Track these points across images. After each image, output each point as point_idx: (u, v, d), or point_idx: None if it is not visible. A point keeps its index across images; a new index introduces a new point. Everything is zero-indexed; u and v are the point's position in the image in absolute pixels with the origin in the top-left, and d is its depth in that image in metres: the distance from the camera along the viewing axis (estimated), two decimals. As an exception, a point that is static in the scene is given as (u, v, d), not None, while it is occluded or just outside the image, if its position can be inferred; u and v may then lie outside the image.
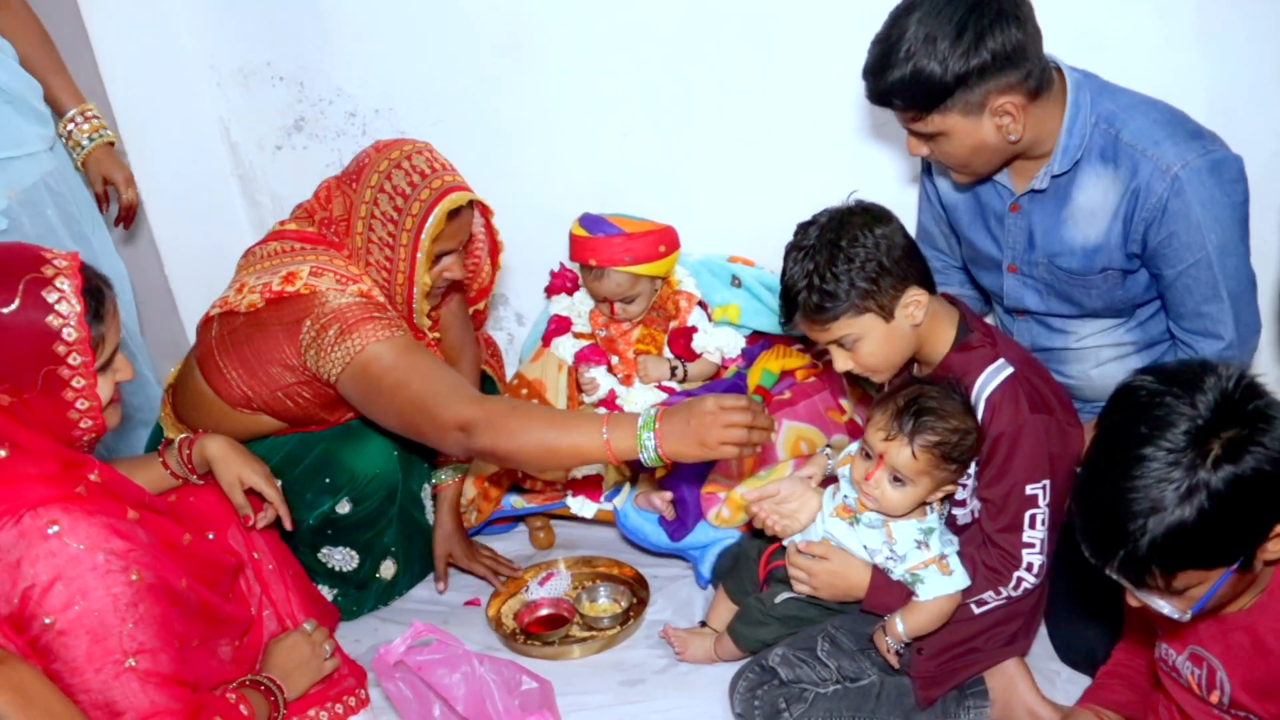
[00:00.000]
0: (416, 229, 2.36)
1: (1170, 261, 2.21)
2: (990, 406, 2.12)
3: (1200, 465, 1.46)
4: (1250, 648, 1.61)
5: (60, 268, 1.84)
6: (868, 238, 2.08)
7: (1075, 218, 2.28)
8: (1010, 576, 2.14)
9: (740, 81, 2.94)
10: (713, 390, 2.75)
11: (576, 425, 2.19)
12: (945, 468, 2.12)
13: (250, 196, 3.44)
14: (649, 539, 2.69)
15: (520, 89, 3.10)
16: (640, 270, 2.73)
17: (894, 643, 2.17)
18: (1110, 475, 1.53)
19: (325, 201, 2.51)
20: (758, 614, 2.38)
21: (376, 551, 2.71)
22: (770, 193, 3.04)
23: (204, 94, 3.30)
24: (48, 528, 1.76)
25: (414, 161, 2.40)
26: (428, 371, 2.29)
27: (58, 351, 1.83)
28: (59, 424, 1.88)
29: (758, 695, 2.23)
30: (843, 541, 2.24)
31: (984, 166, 2.27)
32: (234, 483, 2.26)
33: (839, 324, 2.12)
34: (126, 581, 1.80)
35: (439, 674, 2.16)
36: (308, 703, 2.22)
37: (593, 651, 2.57)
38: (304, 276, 2.36)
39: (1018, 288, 2.43)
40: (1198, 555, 1.50)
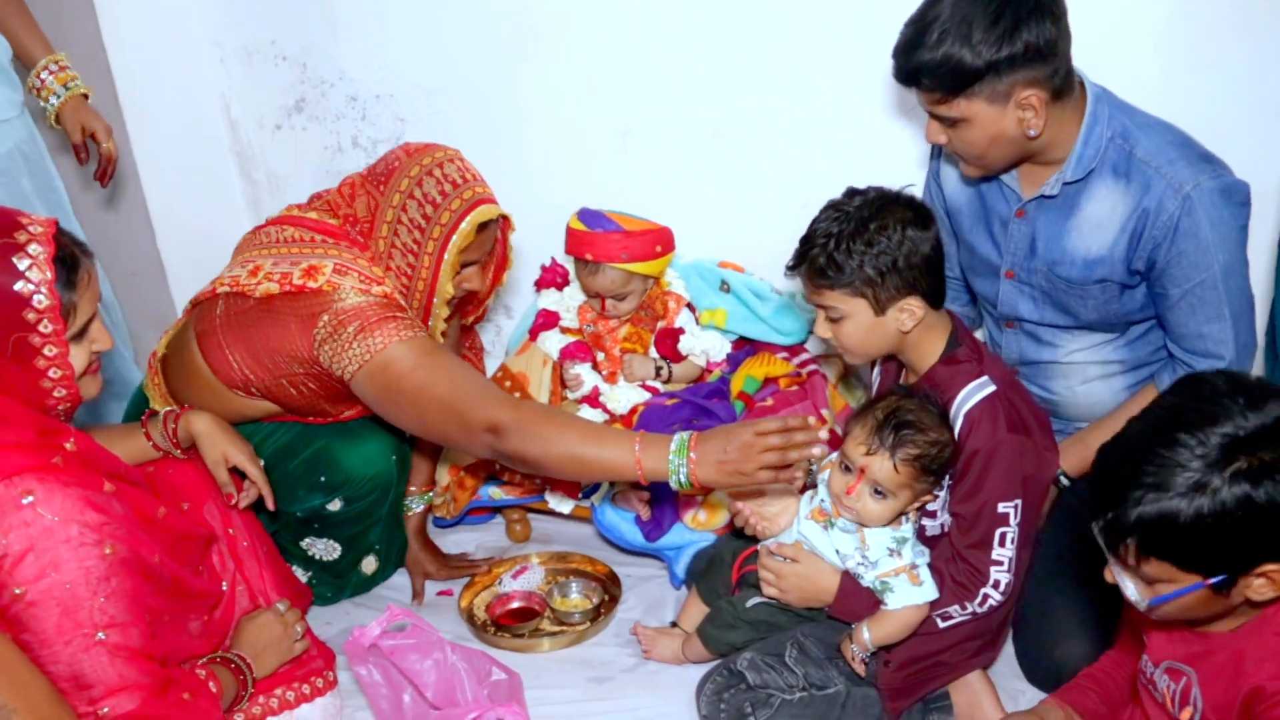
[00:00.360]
0: (444, 238, 2.35)
1: (1177, 280, 2.23)
2: (969, 422, 2.13)
3: (1219, 470, 1.47)
4: (1231, 669, 1.62)
5: (34, 234, 1.82)
6: (897, 233, 2.09)
7: (1081, 228, 2.30)
8: (977, 592, 2.16)
9: (741, 89, 2.95)
10: (695, 395, 2.77)
11: (609, 440, 2.19)
12: (925, 480, 2.15)
13: (247, 174, 3.44)
14: (625, 537, 2.70)
15: (522, 84, 3.10)
16: (635, 268, 2.74)
17: (860, 651, 2.19)
18: (1142, 441, 1.55)
19: (349, 199, 2.47)
20: (728, 617, 2.39)
21: (360, 547, 2.71)
22: (764, 201, 3.06)
23: (207, 69, 3.29)
24: (22, 497, 1.75)
25: (445, 170, 2.38)
26: (454, 373, 2.28)
27: (27, 318, 1.81)
28: (32, 392, 1.87)
29: (724, 699, 2.25)
30: (816, 545, 2.26)
31: (998, 160, 2.27)
32: (219, 460, 2.26)
33: (833, 294, 2.14)
34: (100, 555, 1.80)
35: (411, 660, 2.17)
36: (275, 682, 2.22)
37: (562, 646, 2.59)
38: (327, 273, 2.32)
39: (1013, 294, 2.45)
40: (1175, 551, 1.52)
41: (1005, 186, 2.38)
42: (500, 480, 2.86)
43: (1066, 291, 2.36)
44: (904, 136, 2.87)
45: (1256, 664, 1.59)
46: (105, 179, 2.82)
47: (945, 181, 2.55)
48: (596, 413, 2.80)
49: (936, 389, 2.19)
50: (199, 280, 2.61)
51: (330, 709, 2.29)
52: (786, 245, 2.99)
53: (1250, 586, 1.54)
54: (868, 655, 2.20)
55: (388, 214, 2.38)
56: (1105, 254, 2.28)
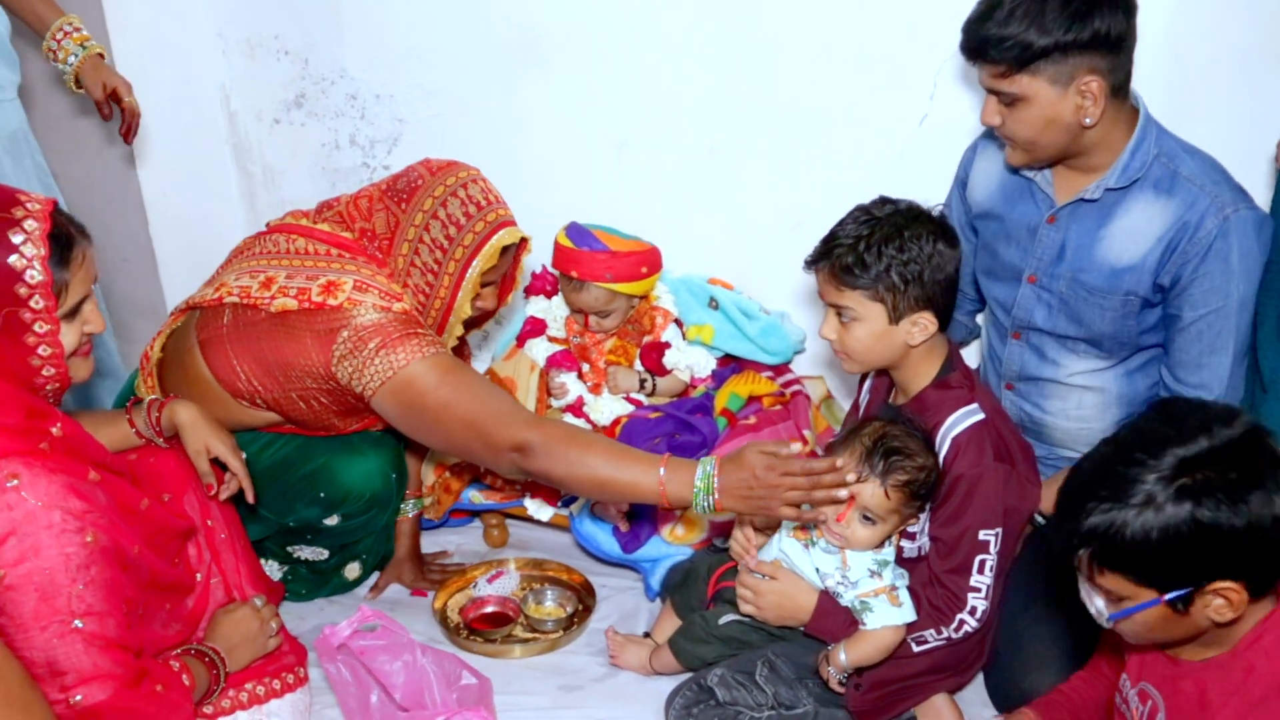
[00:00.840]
0: (466, 260, 2.33)
1: (1194, 303, 2.26)
2: (955, 446, 2.16)
3: (1168, 487, 1.51)
4: (1196, 700, 1.64)
5: (31, 210, 1.82)
6: (929, 245, 2.13)
7: (1113, 237, 2.31)
8: (953, 618, 2.17)
9: (740, 109, 2.97)
10: (679, 409, 2.78)
11: (634, 462, 2.19)
12: (912, 505, 2.18)
13: (243, 166, 3.44)
14: (601, 548, 2.71)
15: (521, 92, 3.12)
16: (619, 289, 2.76)
17: (836, 672, 2.20)
18: (1106, 460, 1.59)
19: (367, 214, 2.42)
20: (700, 631, 2.40)
21: (347, 554, 2.72)
22: (757, 221, 3.08)
23: (208, 60, 3.30)
24: (7, 480, 1.74)
25: (470, 191, 2.37)
26: (478, 390, 2.27)
27: (19, 293, 1.80)
28: (21, 369, 1.86)
29: (693, 713, 2.25)
30: (796, 562, 2.27)
31: (1046, 148, 2.27)
32: (200, 451, 2.26)
33: (852, 295, 2.16)
34: (81, 543, 1.79)
35: (380, 660, 2.17)
36: (246, 676, 2.21)
37: (534, 653, 2.59)
38: (348, 289, 2.29)
39: (1031, 300, 2.45)
40: (1127, 563, 1.56)
41: (1039, 192, 2.40)
42: (483, 484, 2.86)
43: (1086, 300, 2.36)
44: (900, 162, 2.89)
45: (1222, 700, 1.61)
46: (130, 135, 2.80)
47: (975, 186, 2.55)
48: (579, 422, 2.80)
49: (926, 412, 2.21)
50: (190, 269, 2.61)
51: (300, 705, 2.29)
52: (777, 265, 3.03)
53: (1210, 606, 1.56)
54: (844, 676, 2.21)
55: (409, 232, 2.35)
56: (1136, 263, 2.29)
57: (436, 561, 2.92)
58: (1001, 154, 2.45)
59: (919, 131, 2.85)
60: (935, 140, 2.83)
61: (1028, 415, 2.55)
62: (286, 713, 2.25)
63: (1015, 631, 2.31)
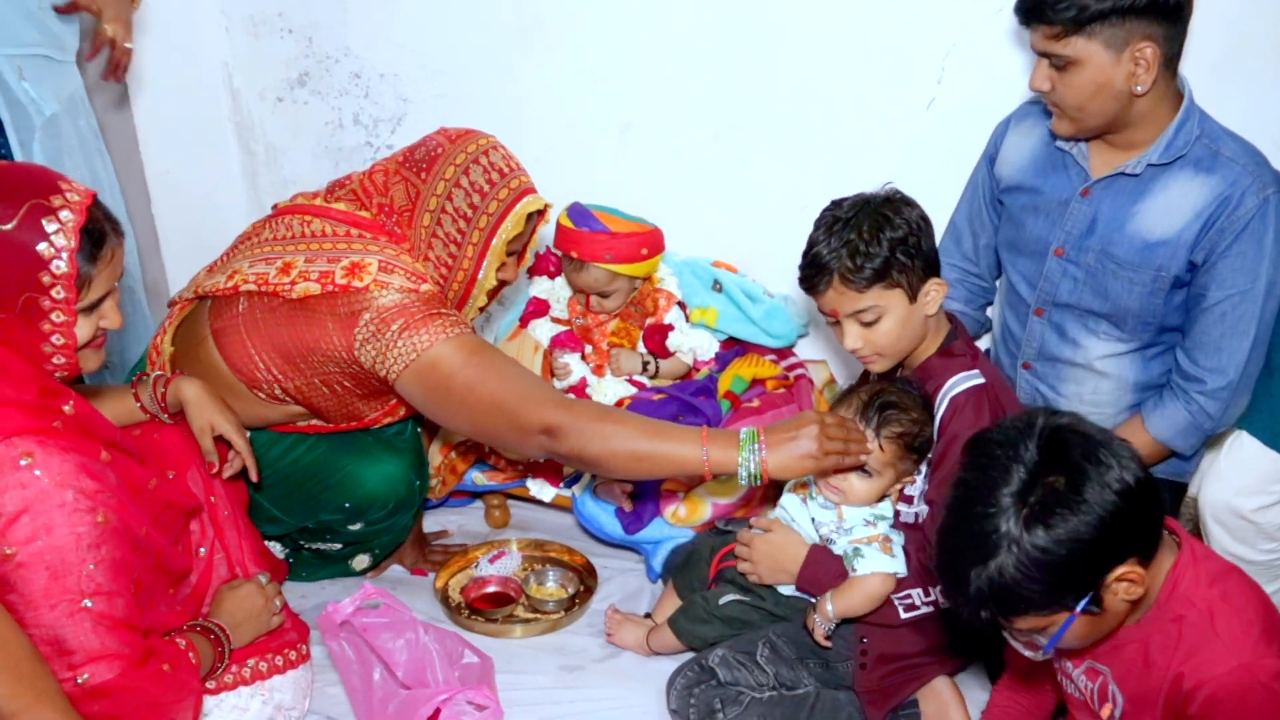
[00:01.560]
0: (491, 228, 2.29)
1: (1222, 282, 2.26)
2: (953, 406, 2.17)
3: (1016, 521, 1.53)
4: (1140, 660, 1.67)
5: (70, 201, 1.82)
6: (908, 214, 2.15)
7: (1147, 213, 2.31)
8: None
9: (745, 92, 2.97)
10: (682, 391, 2.78)
11: (674, 435, 2.18)
12: (908, 458, 2.20)
13: (245, 145, 3.44)
14: (604, 529, 2.71)
15: (526, 73, 3.11)
16: (620, 270, 2.76)
17: (822, 622, 2.21)
18: (960, 524, 1.61)
19: (384, 188, 2.37)
20: (701, 611, 2.41)
21: (359, 547, 2.71)
22: (761, 204, 3.08)
23: (211, 38, 3.30)
24: (20, 459, 1.74)
25: (491, 158, 2.32)
26: (505, 371, 2.23)
27: (43, 281, 1.80)
28: (32, 352, 1.86)
29: (694, 694, 2.26)
30: (794, 515, 2.30)
31: (1094, 116, 2.26)
32: (205, 428, 2.25)
33: (871, 293, 2.15)
34: (92, 522, 1.79)
35: (383, 638, 2.18)
36: (248, 652, 2.21)
37: (535, 633, 2.60)
38: (373, 271, 2.24)
39: (1057, 273, 2.45)
40: (1025, 604, 1.57)
41: (1074, 165, 2.40)
42: (486, 465, 2.86)
43: (1115, 274, 2.36)
44: (907, 146, 2.90)
45: (1162, 651, 1.65)
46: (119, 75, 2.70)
47: (1005, 162, 2.54)
48: (583, 404, 2.81)
49: (929, 378, 2.23)
50: (192, 248, 2.61)
51: (301, 682, 2.29)
52: (781, 248, 3.01)
53: (1119, 594, 1.59)
54: (830, 628, 2.22)
55: (430, 202, 2.30)
56: (1171, 238, 2.29)
57: (437, 542, 2.92)
58: (1037, 127, 2.46)
59: (926, 115, 2.84)
60: (943, 125, 2.83)
61: (1042, 397, 2.56)
62: (288, 689, 2.25)
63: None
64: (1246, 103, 2.52)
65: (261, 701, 2.21)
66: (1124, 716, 1.72)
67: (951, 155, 2.74)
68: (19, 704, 1.67)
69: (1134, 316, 2.39)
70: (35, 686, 1.70)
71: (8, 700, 1.66)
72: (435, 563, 2.82)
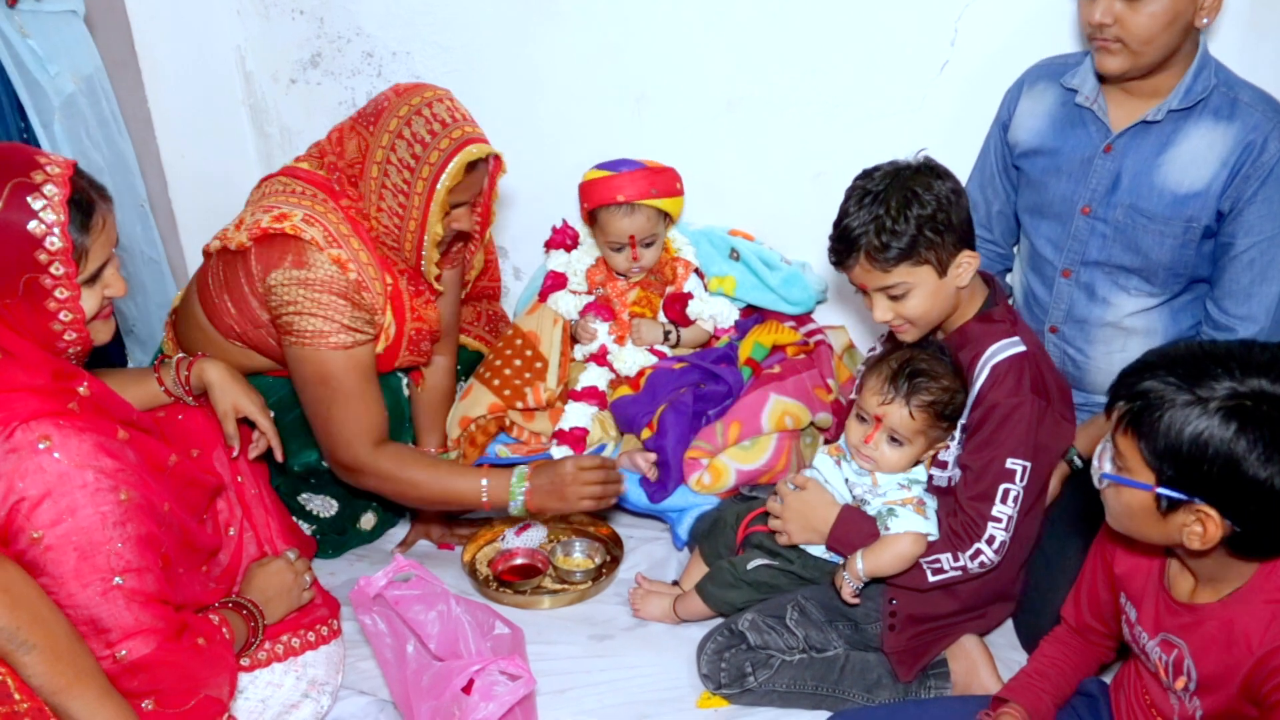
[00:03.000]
0: (433, 178, 2.34)
1: (1250, 229, 2.28)
2: (994, 374, 2.16)
3: (1230, 400, 1.52)
4: (1223, 639, 1.65)
5: (51, 174, 1.81)
6: (939, 188, 2.12)
7: (1174, 163, 2.32)
8: (970, 544, 2.17)
9: (758, 60, 2.96)
10: (703, 359, 2.81)
11: (458, 476, 2.51)
12: (939, 425, 2.20)
13: (259, 127, 3.44)
14: (629, 499, 2.71)
15: (539, 45, 3.11)
16: (663, 205, 2.79)
17: (851, 580, 2.22)
18: (1207, 351, 1.60)
19: (338, 144, 2.47)
20: (729, 577, 2.42)
21: (358, 504, 2.74)
22: (776, 172, 3.08)
23: (223, 21, 3.29)
24: (39, 443, 1.75)
25: (435, 110, 2.37)
26: (354, 403, 2.42)
27: (39, 259, 1.80)
28: (42, 334, 1.87)
29: (725, 658, 2.28)
30: (828, 476, 2.31)
31: (1159, 50, 2.24)
32: (228, 411, 2.27)
33: (899, 270, 2.14)
34: (115, 500, 1.81)
35: (415, 610, 2.18)
36: (281, 629, 2.23)
37: (563, 604, 2.61)
38: (295, 220, 2.34)
39: (1085, 232, 2.45)
40: (1149, 437, 1.58)
41: (1095, 121, 2.40)
42: (509, 437, 2.87)
43: (1146, 227, 2.37)
44: (921, 109, 2.89)
45: (1249, 632, 1.63)
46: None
47: (1020, 126, 2.54)
48: (603, 371, 2.84)
49: (967, 344, 2.22)
50: (209, 229, 2.62)
51: (334, 657, 2.32)
52: (797, 215, 3.03)
53: (1186, 525, 1.59)
54: (858, 586, 2.23)
55: (377, 154, 2.37)
56: (1201, 190, 2.30)
57: (464, 516, 2.94)
58: (1050, 89, 2.47)
59: (940, 78, 2.83)
60: (956, 87, 2.83)
61: (1070, 359, 2.56)
62: (321, 664, 2.28)
63: (1048, 575, 2.32)
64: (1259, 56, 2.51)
65: (295, 677, 2.23)
66: (1198, 691, 1.71)
67: (966, 118, 2.73)
68: (60, 683, 1.69)
69: (1165, 269, 2.39)
70: (76, 665, 1.72)
71: (49, 679, 1.68)
72: (462, 536, 2.84)
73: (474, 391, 2.87)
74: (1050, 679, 2.01)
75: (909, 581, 2.23)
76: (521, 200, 3.26)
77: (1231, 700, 1.66)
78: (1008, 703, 1.98)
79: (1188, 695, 1.73)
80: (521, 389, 2.83)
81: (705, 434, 2.68)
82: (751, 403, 2.70)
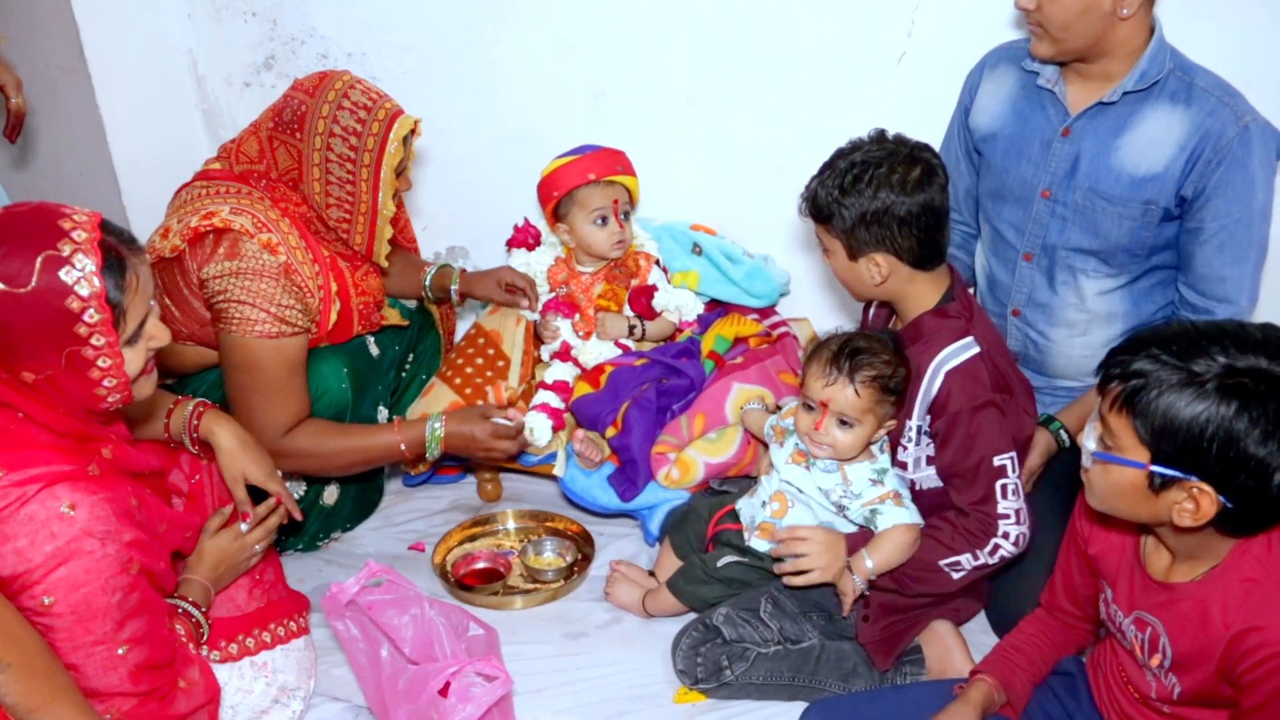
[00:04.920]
0: (376, 162, 2.44)
1: (1217, 214, 2.30)
2: (949, 382, 2.17)
3: (1225, 380, 1.53)
4: (1197, 617, 1.67)
5: (79, 241, 1.72)
6: (887, 193, 2.12)
7: (1131, 145, 2.35)
8: (988, 541, 2.17)
9: (717, 54, 2.96)
10: (664, 355, 2.82)
11: (373, 435, 2.57)
12: (885, 401, 2.20)
13: (214, 131, 3.40)
14: (599, 502, 2.71)
15: (496, 44, 3.09)
16: (628, 181, 2.85)
17: (860, 581, 2.22)
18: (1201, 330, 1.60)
19: (261, 156, 2.52)
20: (700, 574, 2.43)
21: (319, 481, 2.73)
22: (737, 165, 3.08)
23: (173, 24, 3.26)
24: (60, 507, 1.71)
25: (353, 97, 2.45)
26: (274, 395, 2.45)
27: (79, 333, 1.74)
28: (86, 399, 1.81)
29: (700, 652, 2.28)
30: (801, 487, 2.30)
31: (1077, 38, 2.28)
32: (237, 478, 2.23)
33: (819, 228, 2.24)
34: (127, 574, 1.78)
35: (388, 615, 2.17)
36: (241, 626, 2.22)
37: (536, 603, 2.61)
38: (223, 214, 2.39)
39: (1045, 215, 2.47)
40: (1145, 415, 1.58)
41: (1053, 104, 2.42)
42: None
43: (1104, 210, 2.39)
44: (880, 100, 2.90)
45: (1224, 611, 1.64)
46: (13, 135, 2.74)
47: (981, 110, 2.56)
48: (568, 366, 2.84)
49: (920, 338, 2.23)
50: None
51: (305, 661, 2.30)
52: (759, 209, 3.03)
53: (1178, 503, 1.60)
54: (867, 586, 2.23)
55: (314, 157, 2.45)
56: (1159, 172, 2.32)
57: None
58: (1010, 72, 2.48)
59: (898, 69, 2.85)
60: (914, 78, 2.84)
61: (1032, 343, 2.58)
62: (291, 670, 2.26)
63: (1022, 561, 2.32)
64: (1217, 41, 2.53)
65: (265, 683, 2.21)
66: (1173, 668, 1.72)
67: (924, 108, 2.75)
68: (35, 701, 1.67)
69: (1124, 251, 2.41)
70: (51, 682, 1.70)
71: (24, 698, 1.66)
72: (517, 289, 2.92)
73: (435, 389, 2.86)
74: (1025, 654, 2.03)
75: (938, 586, 2.23)
76: (482, 199, 3.24)
77: (1208, 679, 1.68)
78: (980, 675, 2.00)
79: (1163, 673, 1.75)
80: (483, 387, 2.82)
81: (670, 428, 2.68)
82: (715, 393, 2.70)
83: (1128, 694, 1.86)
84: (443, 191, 3.27)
